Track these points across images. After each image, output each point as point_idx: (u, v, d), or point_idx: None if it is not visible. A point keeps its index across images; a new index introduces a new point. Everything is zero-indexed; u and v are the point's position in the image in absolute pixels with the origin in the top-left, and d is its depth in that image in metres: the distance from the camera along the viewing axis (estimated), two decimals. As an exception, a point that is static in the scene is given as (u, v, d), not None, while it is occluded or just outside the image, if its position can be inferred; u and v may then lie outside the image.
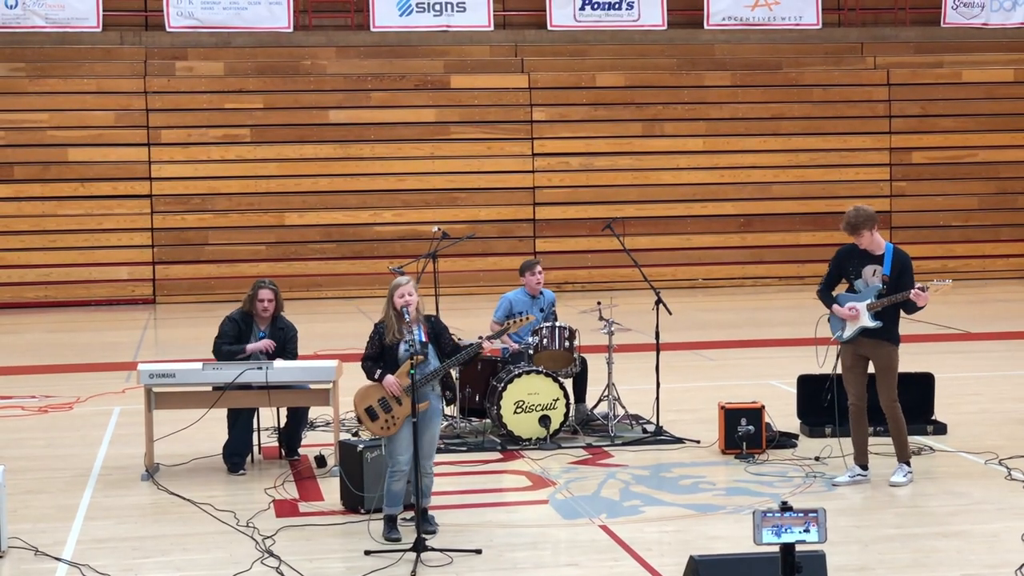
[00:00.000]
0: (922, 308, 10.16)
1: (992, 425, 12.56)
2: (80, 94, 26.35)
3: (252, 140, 26.66)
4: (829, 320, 10.47)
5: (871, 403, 10.40)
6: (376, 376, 9.15)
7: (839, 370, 10.45)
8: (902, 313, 10.28)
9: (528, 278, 12.69)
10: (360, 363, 9.33)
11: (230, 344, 11.21)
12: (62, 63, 26.55)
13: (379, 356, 9.21)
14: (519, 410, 11.83)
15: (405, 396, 9.03)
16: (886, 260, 10.22)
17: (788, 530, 5.61)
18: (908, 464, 10.35)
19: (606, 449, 11.77)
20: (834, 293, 10.45)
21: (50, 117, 26.20)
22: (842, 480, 10.38)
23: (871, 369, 10.36)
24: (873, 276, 10.23)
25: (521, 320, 9.95)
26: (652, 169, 27.53)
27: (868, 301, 10.18)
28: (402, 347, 9.13)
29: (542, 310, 12.69)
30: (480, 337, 9.58)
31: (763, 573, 6.47)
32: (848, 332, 10.27)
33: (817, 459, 11.08)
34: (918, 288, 10.05)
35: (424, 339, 8.96)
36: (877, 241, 10.29)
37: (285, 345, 11.37)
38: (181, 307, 25.58)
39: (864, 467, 10.41)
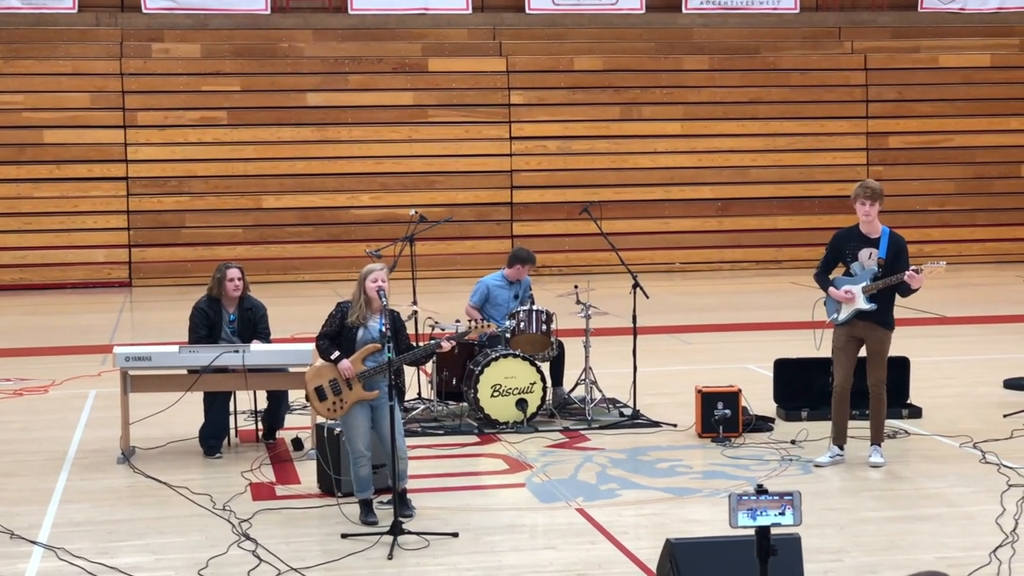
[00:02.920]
0: (916, 290, 10.21)
1: (967, 409, 12.62)
2: (56, 76, 26.20)
3: (229, 123, 26.56)
4: (825, 303, 10.53)
5: (853, 387, 10.44)
6: (332, 357, 9.14)
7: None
8: (897, 298, 10.32)
9: (519, 269, 12.65)
10: (315, 340, 9.32)
11: (203, 334, 11.16)
12: (37, 44, 26.40)
13: (336, 335, 9.21)
14: (496, 394, 11.84)
15: (357, 381, 9.04)
16: (882, 243, 10.25)
17: (763, 513, 5.61)
18: (881, 444, 10.41)
19: (583, 432, 11.79)
20: (831, 276, 10.47)
21: (25, 99, 26.05)
22: (823, 461, 10.43)
23: (862, 353, 10.41)
24: (869, 259, 10.26)
25: (483, 327, 9.85)
26: (630, 153, 27.53)
27: (864, 284, 10.22)
28: (360, 332, 9.13)
29: (516, 296, 12.68)
30: (437, 341, 9.54)
31: (739, 556, 6.49)
32: (844, 314, 10.33)
33: (793, 442, 11.12)
34: (912, 270, 10.08)
35: (385, 329, 8.94)
36: (875, 224, 10.30)
37: (256, 325, 11.34)
38: (157, 290, 25.48)
39: (842, 447, 10.48)
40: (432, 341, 9.44)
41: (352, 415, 9.11)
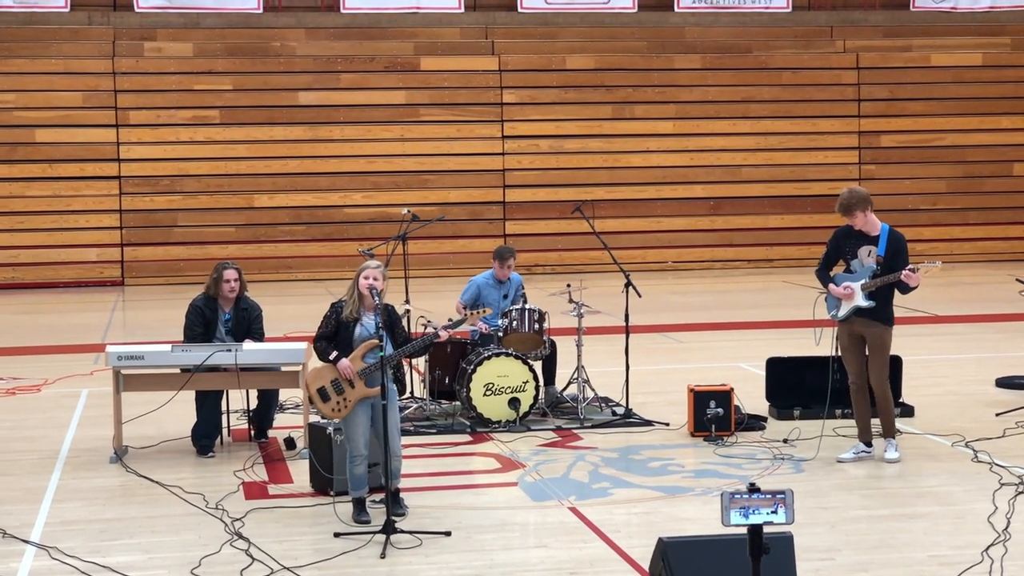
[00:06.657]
0: (915, 288, 10.26)
1: (959, 408, 12.64)
2: (48, 75, 26.18)
3: (221, 122, 26.56)
4: (826, 300, 10.57)
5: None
6: (331, 357, 9.14)
7: (838, 351, 10.52)
8: (897, 294, 10.38)
9: (498, 266, 12.68)
10: (312, 342, 9.32)
11: (199, 332, 11.14)
12: (29, 43, 26.38)
13: (333, 336, 9.20)
14: (489, 392, 11.85)
15: (358, 379, 9.04)
16: (881, 241, 10.31)
17: (756, 511, 5.62)
18: (894, 438, 10.46)
19: (575, 431, 11.79)
20: (831, 273, 10.51)
21: (17, 98, 26.04)
22: (847, 457, 10.47)
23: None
24: (868, 257, 10.31)
25: (478, 313, 9.92)
26: (622, 152, 27.55)
27: (863, 281, 10.26)
28: (357, 329, 9.13)
29: (506, 296, 12.68)
30: (435, 327, 9.55)
31: (731, 554, 6.50)
32: (843, 311, 10.38)
33: (785, 441, 11.14)
34: (908, 269, 10.13)
35: (380, 325, 8.94)
36: (872, 222, 10.35)
37: (250, 325, 11.33)
38: (150, 289, 25.48)
39: (868, 443, 10.51)
40: (429, 332, 9.43)
41: (354, 413, 9.10)
